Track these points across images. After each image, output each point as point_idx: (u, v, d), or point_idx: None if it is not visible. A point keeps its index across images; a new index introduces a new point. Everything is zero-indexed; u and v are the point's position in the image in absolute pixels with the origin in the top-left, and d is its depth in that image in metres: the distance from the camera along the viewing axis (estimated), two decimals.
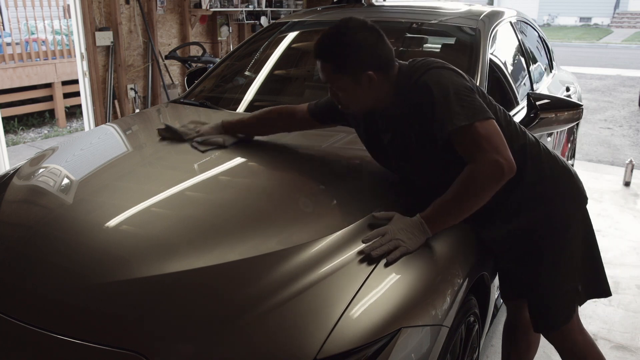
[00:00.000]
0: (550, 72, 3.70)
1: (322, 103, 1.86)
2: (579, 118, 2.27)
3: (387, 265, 1.34)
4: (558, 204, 1.66)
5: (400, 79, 1.55)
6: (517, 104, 2.51)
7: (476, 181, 1.41)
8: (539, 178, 1.62)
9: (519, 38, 2.95)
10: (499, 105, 1.65)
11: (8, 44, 6.46)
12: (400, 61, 1.60)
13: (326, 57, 1.52)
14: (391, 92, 1.55)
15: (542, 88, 3.16)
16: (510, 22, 2.90)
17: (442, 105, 1.43)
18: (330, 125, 1.92)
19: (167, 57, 5.35)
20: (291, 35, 2.86)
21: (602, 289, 1.76)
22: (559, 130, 2.94)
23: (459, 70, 1.55)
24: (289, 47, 2.82)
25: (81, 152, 2.17)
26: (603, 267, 1.77)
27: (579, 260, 1.70)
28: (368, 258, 1.36)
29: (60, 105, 6.86)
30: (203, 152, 1.90)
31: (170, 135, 2.06)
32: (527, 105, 2.19)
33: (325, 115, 1.85)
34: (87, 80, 5.02)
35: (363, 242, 1.40)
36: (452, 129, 1.42)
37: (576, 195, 1.71)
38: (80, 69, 5.04)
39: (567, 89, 3.51)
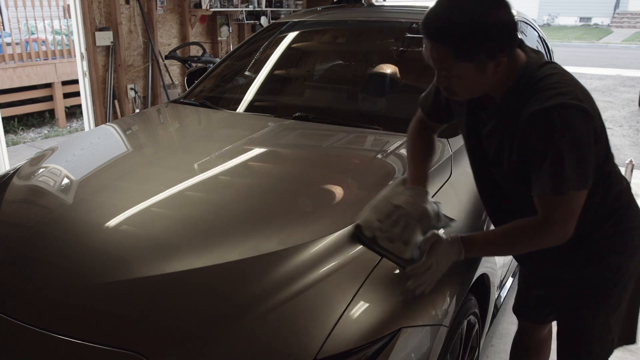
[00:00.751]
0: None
1: (429, 104, 1.60)
2: None
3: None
4: (628, 257, 1.49)
5: (524, 75, 1.29)
6: None
7: (534, 237, 1.32)
8: (625, 228, 1.46)
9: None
10: (610, 150, 1.43)
11: (8, 44, 6.45)
12: (527, 47, 1.35)
13: (446, 39, 1.20)
14: (509, 83, 1.30)
15: None
16: None
17: (553, 163, 1.22)
18: (441, 122, 1.65)
19: (167, 57, 5.35)
20: (291, 35, 2.86)
21: (632, 337, 1.65)
22: None
23: (593, 109, 1.27)
24: (289, 47, 2.82)
25: (81, 152, 2.17)
26: (638, 316, 1.65)
27: (624, 313, 1.57)
28: (368, 256, 1.36)
29: (60, 105, 6.86)
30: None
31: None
32: None
33: (439, 116, 1.60)
34: (87, 80, 5.02)
35: (407, 273, 1.32)
36: (543, 193, 1.26)
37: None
38: (80, 69, 5.04)
39: None
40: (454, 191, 1.74)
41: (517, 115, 1.28)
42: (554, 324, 1.70)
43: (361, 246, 1.39)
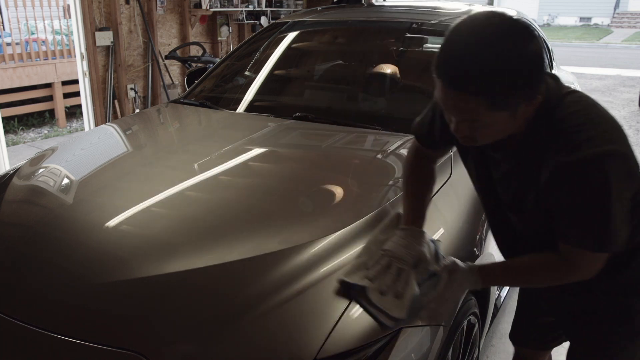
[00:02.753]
0: (550, 72, 3.69)
1: (425, 132, 1.40)
2: None
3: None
4: None
5: (544, 111, 1.10)
6: None
7: (555, 278, 1.23)
8: None
9: None
10: None
11: (8, 44, 6.45)
12: (548, 77, 1.14)
13: (479, 90, 0.99)
14: (527, 121, 1.11)
15: None
16: None
17: (596, 219, 1.09)
18: (440, 150, 1.47)
19: (167, 57, 5.35)
20: (291, 35, 2.86)
21: None
22: None
23: (626, 144, 1.09)
24: (289, 47, 2.82)
25: (81, 152, 2.17)
26: None
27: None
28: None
29: (60, 105, 6.86)
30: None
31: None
32: None
33: (437, 145, 1.41)
34: (87, 80, 5.02)
35: (424, 304, 1.22)
36: (578, 247, 1.13)
37: None
38: (80, 69, 5.04)
39: None
40: (453, 191, 1.73)
41: (539, 159, 1.11)
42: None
43: (362, 245, 1.39)
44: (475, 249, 1.67)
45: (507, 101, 1.01)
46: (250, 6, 6.39)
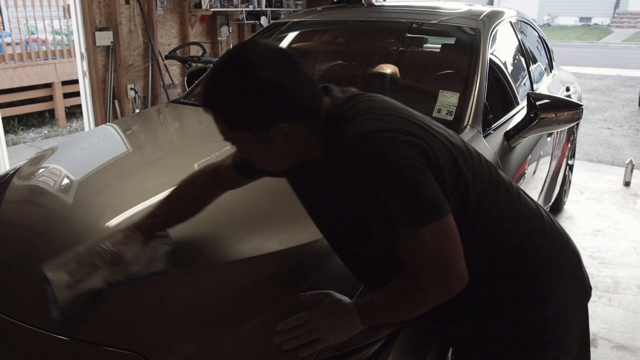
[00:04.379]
0: (550, 72, 3.70)
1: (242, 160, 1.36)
2: (579, 118, 2.27)
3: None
4: (559, 305, 1.22)
5: (330, 122, 1.10)
6: (517, 104, 2.51)
7: (416, 298, 1.08)
8: (538, 270, 1.19)
9: (519, 38, 2.95)
10: (483, 160, 1.20)
11: (8, 44, 6.45)
12: (334, 91, 1.15)
13: (216, 109, 1.06)
14: (320, 141, 1.10)
15: (542, 88, 3.16)
16: (510, 22, 2.90)
17: (376, 201, 1.01)
18: (257, 178, 1.42)
19: (167, 57, 5.35)
20: (291, 35, 2.86)
21: None
22: (559, 130, 2.94)
23: (406, 130, 1.06)
24: (289, 47, 2.82)
25: (81, 152, 2.17)
26: None
27: None
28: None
29: (60, 105, 6.86)
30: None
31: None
32: (527, 105, 2.19)
33: (251, 167, 1.31)
34: (87, 80, 5.02)
35: (277, 330, 1.15)
36: (388, 235, 1.03)
37: (582, 291, 1.30)
38: (80, 69, 5.04)
39: (567, 89, 3.51)
40: None
41: (335, 170, 1.07)
42: None
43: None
44: None
45: (242, 125, 1.05)
46: (250, 6, 6.39)
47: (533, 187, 2.57)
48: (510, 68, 2.72)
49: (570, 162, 4.01)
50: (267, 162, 1.15)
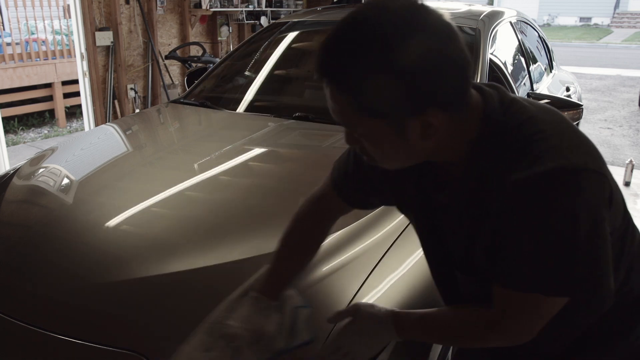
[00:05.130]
0: (550, 72, 3.70)
1: (342, 171, 1.12)
2: (579, 118, 2.27)
3: None
4: None
5: (489, 127, 0.87)
6: None
7: (483, 335, 0.96)
8: None
9: (519, 38, 2.95)
10: (630, 222, 1.01)
11: (8, 44, 6.45)
12: (482, 84, 0.93)
13: (339, 83, 0.81)
14: (464, 148, 0.88)
15: (542, 88, 3.16)
16: (510, 22, 2.90)
17: (532, 247, 0.83)
18: (367, 207, 1.22)
19: (167, 57, 5.35)
20: (291, 35, 2.86)
21: None
22: None
23: (599, 161, 0.86)
24: (289, 47, 2.82)
25: (81, 152, 2.17)
26: None
27: None
28: (369, 256, 1.35)
29: (60, 105, 6.86)
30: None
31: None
32: None
33: (354, 193, 1.12)
34: (87, 80, 5.02)
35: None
36: (510, 286, 0.87)
37: None
38: (80, 69, 5.04)
39: (567, 89, 3.51)
40: None
41: (491, 190, 0.86)
42: None
43: (362, 245, 1.38)
44: None
45: (372, 109, 0.80)
46: (250, 6, 6.39)
47: None
48: (510, 68, 2.72)
49: None
50: (385, 158, 0.89)
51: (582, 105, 2.28)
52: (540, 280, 0.84)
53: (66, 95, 6.95)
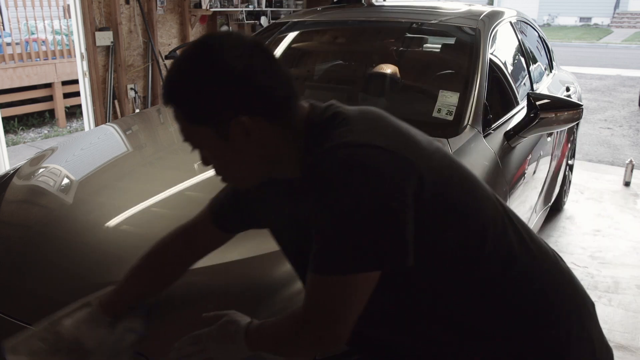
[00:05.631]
0: (550, 72, 3.70)
1: (218, 201, 1.20)
2: (579, 118, 2.27)
3: None
4: None
5: (309, 130, 0.94)
6: (517, 104, 2.51)
7: (292, 339, 0.95)
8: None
9: (519, 38, 2.95)
10: (499, 206, 1.01)
11: (8, 44, 6.45)
12: (314, 102, 1.00)
13: (172, 98, 0.92)
14: (295, 152, 0.95)
15: (542, 88, 3.16)
16: (510, 22, 2.90)
17: (327, 227, 0.85)
18: (243, 229, 1.23)
19: (167, 57, 5.35)
20: (291, 35, 2.86)
21: None
22: (559, 130, 2.94)
23: (401, 147, 0.90)
24: (289, 47, 2.82)
25: (81, 152, 2.17)
26: None
27: None
28: None
29: (60, 105, 6.86)
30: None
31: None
32: (527, 105, 2.19)
33: (230, 216, 1.18)
34: (87, 80, 5.02)
35: (173, 347, 1.08)
36: (310, 271, 0.88)
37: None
38: (80, 69, 5.04)
39: (567, 89, 3.51)
40: None
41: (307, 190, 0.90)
42: None
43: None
44: None
45: (195, 115, 0.91)
46: (250, 6, 6.39)
47: (533, 187, 2.57)
48: (510, 68, 2.72)
49: (570, 162, 4.01)
50: (230, 170, 0.98)
51: (582, 105, 2.27)
52: (331, 259, 0.85)
53: (66, 95, 6.95)
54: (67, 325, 1.10)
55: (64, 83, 6.90)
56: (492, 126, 2.17)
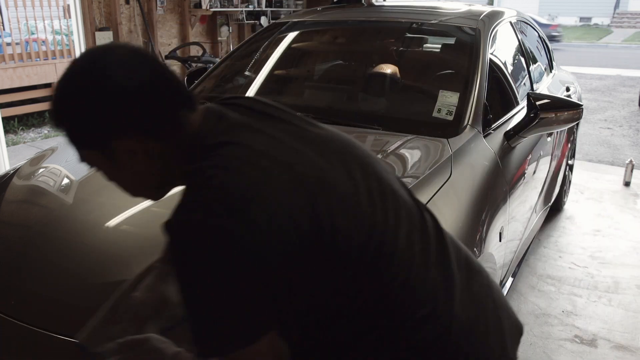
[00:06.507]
0: (550, 72, 3.70)
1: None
2: (579, 118, 2.27)
3: None
4: None
5: (191, 148, 0.88)
6: (517, 104, 2.51)
7: None
8: None
9: (519, 38, 2.95)
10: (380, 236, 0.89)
11: (8, 44, 6.45)
12: (217, 112, 0.92)
13: (54, 120, 0.88)
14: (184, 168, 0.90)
15: (542, 88, 3.16)
16: (510, 22, 2.90)
17: (188, 308, 0.79)
18: None
19: (167, 57, 5.35)
20: (291, 35, 2.86)
21: None
22: (559, 130, 2.94)
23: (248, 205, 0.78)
24: (289, 47, 2.82)
25: None
26: None
27: None
28: None
29: None
30: None
31: None
32: (527, 105, 2.19)
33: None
34: None
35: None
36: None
37: None
38: None
39: (567, 89, 3.51)
40: (453, 191, 1.73)
41: None
42: None
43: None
44: (475, 249, 1.67)
45: (79, 139, 0.87)
46: (250, 6, 6.39)
47: (533, 187, 2.57)
48: (510, 68, 2.72)
49: (570, 162, 4.01)
50: (131, 187, 0.94)
51: (582, 105, 2.27)
52: (201, 348, 0.78)
53: None
54: (140, 294, 1.06)
55: None
56: (492, 126, 2.17)
